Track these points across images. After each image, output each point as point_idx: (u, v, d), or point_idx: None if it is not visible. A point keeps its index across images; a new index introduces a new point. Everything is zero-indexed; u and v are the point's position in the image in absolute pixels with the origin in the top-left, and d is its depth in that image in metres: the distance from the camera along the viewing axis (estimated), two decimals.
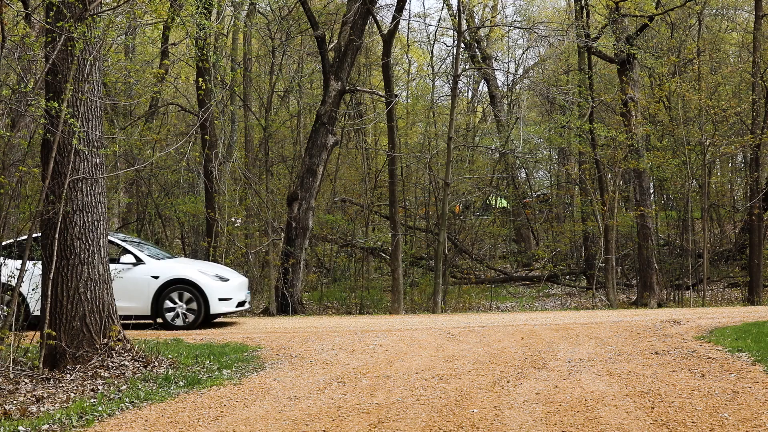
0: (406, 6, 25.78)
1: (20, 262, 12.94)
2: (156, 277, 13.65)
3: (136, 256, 13.81)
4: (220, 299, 13.78)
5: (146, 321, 13.80)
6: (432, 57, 30.32)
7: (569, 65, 28.58)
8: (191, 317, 13.60)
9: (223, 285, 13.94)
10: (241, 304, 14.42)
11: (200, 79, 17.10)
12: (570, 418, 6.29)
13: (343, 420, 6.50)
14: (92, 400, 7.45)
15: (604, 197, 23.33)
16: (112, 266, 13.59)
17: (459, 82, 25.84)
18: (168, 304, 13.63)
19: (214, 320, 14.86)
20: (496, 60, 32.62)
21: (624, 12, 22.48)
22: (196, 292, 13.58)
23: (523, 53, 34.01)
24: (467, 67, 28.22)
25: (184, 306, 13.66)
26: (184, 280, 13.66)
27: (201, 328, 13.63)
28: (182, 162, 23.55)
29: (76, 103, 9.21)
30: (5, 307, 13.10)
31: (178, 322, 13.57)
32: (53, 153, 8.97)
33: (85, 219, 9.31)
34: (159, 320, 13.75)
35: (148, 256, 14.17)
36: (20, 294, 12.95)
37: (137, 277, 13.61)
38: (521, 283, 27.61)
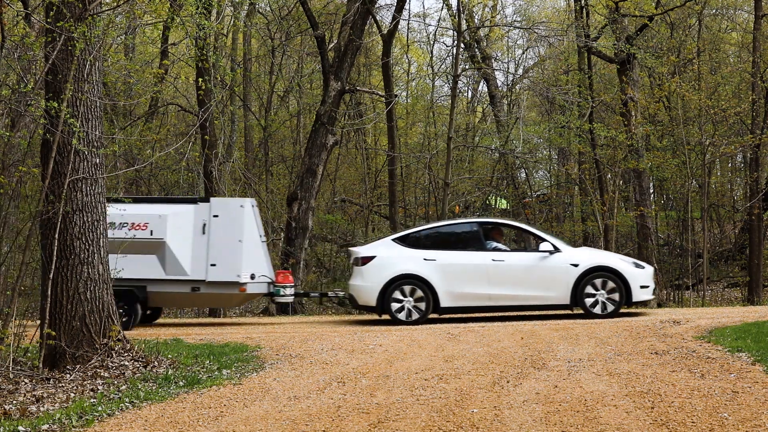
0: (406, 6, 25.79)
1: (427, 251, 13.61)
2: (575, 265, 13.38)
3: (553, 245, 13.66)
4: (641, 287, 13.48)
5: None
6: (432, 57, 30.35)
7: (569, 65, 28.57)
8: (611, 306, 13.29)
9: (642, 272, 13.67)
10: (653, 292, 14.22)
11: (200, 79, 17.09)
12: (570, 418, 6.29)
13: (343, 420, 6.50)
14: (92, 400, 7.45)
15: (604, 197, 23.32)
16: (531, 255, 13.84)
17: (459, 82, 25.85)
18: (589, 290, 13.32)
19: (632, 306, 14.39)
20: (496, 60, 32.63)
21: (624, 12, 22.48)
22: (618, 280, 13.30)
23: (523, 53, 34.02)
24: (467, 67, 28.22)
25: (605, 294, 13.30)
26: (605, 267, 13.40)
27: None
28: (182, 162, 23.54)
29: (76, 103, 9.21)
30: (412, 300, 13.43)
31: (597, 309, 13.31)
32: (53, 153, 8.97)
33: (85, 219, 9.31)
34: (577, 310, 13.53)
35: (565, 244, 14.12)
36: (427, 283, 13.33)
37: (556, 265, 13.43)
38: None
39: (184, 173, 25.31)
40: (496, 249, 13.81)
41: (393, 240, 14.25)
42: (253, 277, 14.31)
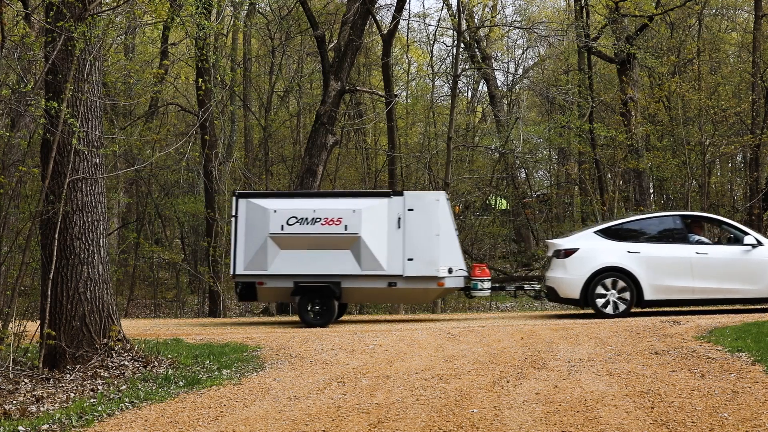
0: (406, 6, 25.78)
1: (630, 244, 13.61)
2: None
3: (756, 239, 13.64)
4: None
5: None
6: (432, 57, 30.34)
7: (569, 65, 28.58)
8: None
9: None
10: None
11: (200, 79, 17.10)
12: (570, 418, 6.29)
13: (343, 420, 6.50)
14: (92, 400, 7.45)
15: (604, 197, 23.33)
16: (734, 248, 13.71)
17: (459, 82, 25.85)
18: None
19: None
20: (496, 60, 32.63)
21: (624, 12, 22.48)
22: None
23: (523, 53, 34.03)
24: (467, 67, 28.22)
25: None
26: None
27: None
28: (182, 162, 23.55)
29: (76, 103, 9.21)
30: (615, 292, 13.42)
31: None
32: (53, 153, 8.97)
33: (85, 219, 9.31)
34: None
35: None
36: (631, 276, 13.31)
37: (760, 259, 13.42)
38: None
39: (184, 173, 25.33)
40: (699, 242, 13.82)
41: (595, 232, 14.16)
42: (450, 271, 14.17)
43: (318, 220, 14.07)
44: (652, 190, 25.94)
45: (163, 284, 25.81)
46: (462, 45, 24.41)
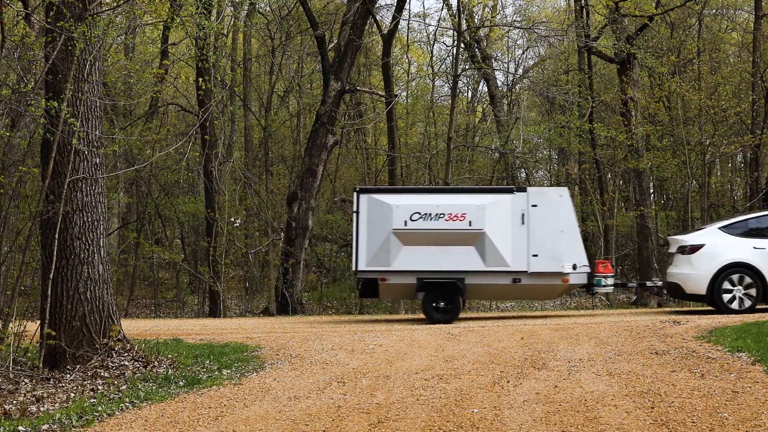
0: (406, 6, 25.80)
1: (756, 240, 13.71)
2: None
3: None
4: None
5: None
6: (432, 57, 30.34)
7: (569, 65, 28.57)
8: None
9: None
10: None
11: (200, 79, 17.10)
12: (570, 418, 6.29)
13: (343, 420, 6.50)
14: (92, 400, 7.45)
15: (604, 197, 23.33)
16: None
17: (459, 82, 25.85)
18: None
19: None
20: (496, 60, 32.61)
21: (624, 12, 22.48)
22: None
23: (523, 53, 34.02)
24: (467, 67, 28.22)
25: None
26: None
27: None
28: (182, 162, 23.55)
29: (76, 103, 9.21)
30: (742, 288, 13.50)
31: None
32: (53, 153, 8.97)
33: (85, 219, 9.31)
34: None
35: None
36: (757, 272, 13.39)
37: None
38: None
39: (184, 173, 25.33)
40: None
41: (719, 228, 14.24)
42: (575, 267, 14.22)
43: (441, 215, 14.12)
44: (652, 190, 25.94)
45: (163, 284, 25.81)
46: (462, 45, 24.42)
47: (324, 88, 21.29)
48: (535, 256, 14.10)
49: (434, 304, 14.15)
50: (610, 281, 14.76)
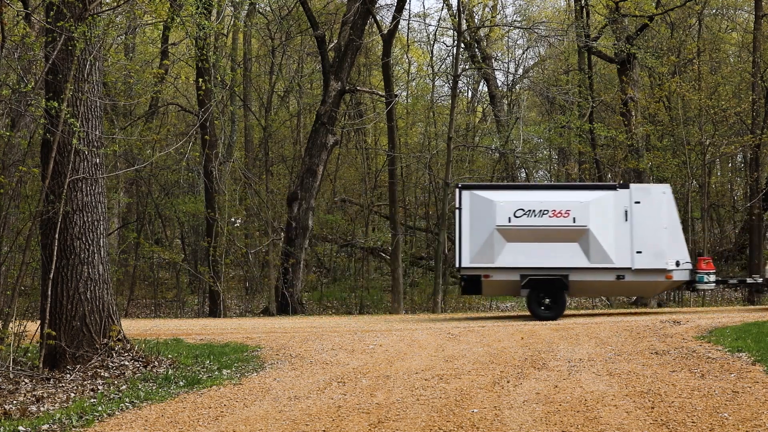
0: (406, 6, 25.79)
1: None
2: None
3: None
4: None
5: None
6: (432, 57, 30.34)
7: (569, 65, 28.57)
8: None
9: None
10: None
11: (200, 79, 17.10)
12: (570, 418, 6.29)
13: (343, 420, 6.50)
14: (92, 400, 7.45)
15: None
16: None
17: (459, 82, 25.84)
18: None
19: None
20: (496, 60, 32.62)
21: (624, 12, 22.47)
22: None
23: (523, 53, 34.03)
24: (467, 67, 28.22)
25: None
26: None
27: None
28: (182, 162, 23.54)
29: (76, 103, 9.21)
30: None
31: None
32: (53, 153, 8.96)
33: (85, 219, 9.31)
34: None
35: None
36: None
37: None
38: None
39: (184, 173, 25.33)
40: None
41: None
42: (677, 264, 14.33)
43: (545, 212, 14.24)
44: None
45: (163, 284, 25.80)
46: (462, 45, 24.41)
47: (324, 88, 21.29)
48: (639, 252, 14.22)
49: (539, 301, 14.24)
50: (712, 278, 14.85)
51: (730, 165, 30.88)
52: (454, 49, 24.67)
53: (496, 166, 27.85)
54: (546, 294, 14.21)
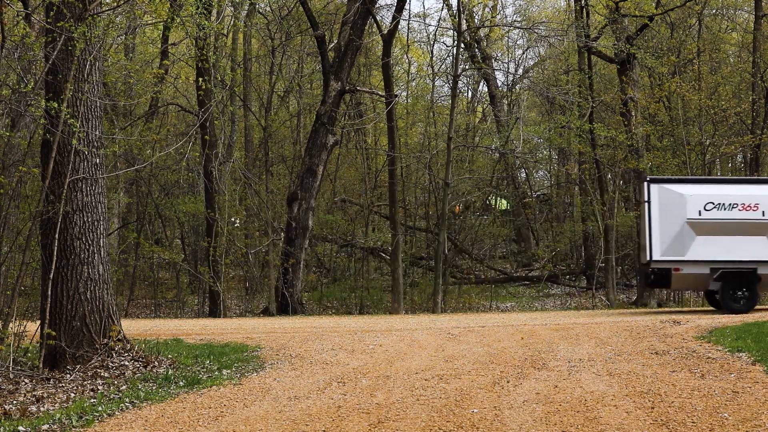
0: (406, 6, 25.80)
1: None
2: None
3: None
4: None
5: None
6: (432, 57, 30.34)
7: (569, 65, 28.57)
8: None
9: None
10: None
11: (200, 79, 17.09)
12: (570, 418, 6.29)
13: (343, 420, 6.50)
14: (92, 400, 7.45)
15: (604, 197, 23.32)
16: None
17: (459, 82, 25.85)
18: None
19: None
20: (496, 60, 32.63)
21: (624, 12, 22.47)
22: None
23: (523, 53, 34.03)
24: (467, 67, 28.22)
25: None
26: None
27: None
28: (182, 162, 23.53)
29: (76, 103, 9.21)
30: None
31: None
32: (53, 153, 8.97)
33: (85, 219, 9.31)
34: None
35: None
36: None
37: None
38: (521, 283, 27.60)
39: (184, 173, 25.32)
40: None
41: None
42: None
43: (735, 205, 14.40)
44: None
45: (163, 284, 25.80)
46: (462, 45, 24.41)
47: (324, 88, 21.29)
48: None
49: (733, 294, 14.29)
50: None
51: (730, 165, 30.88)
52: (454, 49, 24.68)
53: (496, 166, 27.85)
54: (740, 287, 14.30)
